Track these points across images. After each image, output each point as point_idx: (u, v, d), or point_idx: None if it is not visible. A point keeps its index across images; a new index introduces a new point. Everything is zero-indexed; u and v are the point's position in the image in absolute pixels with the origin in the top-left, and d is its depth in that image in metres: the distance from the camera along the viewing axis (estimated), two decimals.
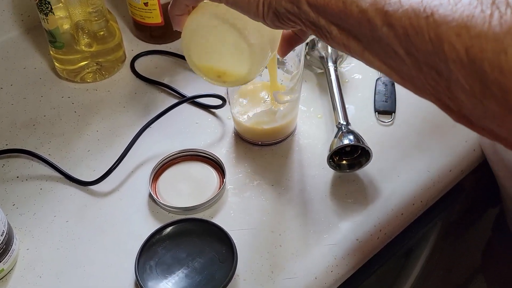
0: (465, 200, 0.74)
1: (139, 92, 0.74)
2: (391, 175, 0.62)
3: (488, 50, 0.29)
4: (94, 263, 0.56)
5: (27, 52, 0.82)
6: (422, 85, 0.35)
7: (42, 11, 0.69)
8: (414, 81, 0.35)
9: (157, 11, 0.77)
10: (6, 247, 0.53)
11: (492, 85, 0.30)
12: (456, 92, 0.32)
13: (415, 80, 0.35)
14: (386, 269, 0.63)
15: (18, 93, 0.75)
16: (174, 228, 0.56)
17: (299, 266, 0.54)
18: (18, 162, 0.66)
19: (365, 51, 0.37)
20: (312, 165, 0.63)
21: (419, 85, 0.35)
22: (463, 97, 0.32)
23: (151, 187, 0.61)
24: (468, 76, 0.31)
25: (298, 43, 0.52)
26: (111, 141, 0.68)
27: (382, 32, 0.34)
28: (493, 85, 0.30)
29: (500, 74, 0.29)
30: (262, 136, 0.66)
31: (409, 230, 0.61)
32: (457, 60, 0.31)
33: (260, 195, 0.61)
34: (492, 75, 0.29)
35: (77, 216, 0.60)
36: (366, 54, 0.37)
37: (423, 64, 0.33)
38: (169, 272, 0.52)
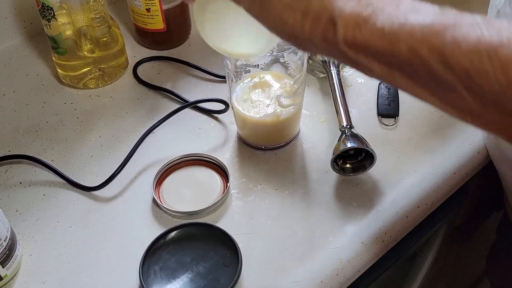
0: (470, 203, 0.74)
1: (141, 98, 0.74)
2: (395, 178, 0.62)
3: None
4: (98, 268, 0.55)
5: (29, 58, 0.82)
6: (484, 121, 0.35)
7: (45, 17, 0.69)
8: (474, 113, 0.35)
9: (159, 17, 0.77)
10: (9, 253, 0.53)
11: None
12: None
13: (475, 112, 0.35)
14: (391, 273, 0.63)
15: (21, 100, 0.75)
16: (178, 233, 0.56)
17: (304, 270, 0.54)
18: (21, 168, 0.66)
19: (415, 85, 0.37)
20: (316, 169, 0.63)
21: (482, 121, 0.35)
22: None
23: (154, 192, 0.60)
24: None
25: None
26: (114, 146, 0.68)
27: (438, 71, 0.34)
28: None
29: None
30: (265, 140, 0.66)
31: (414, 233, 0.61)
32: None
33: (264, 199, 0.60)
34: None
35: (80, 222, 0.60)
36: (415, 89, 0.37)
37: (487, 101, 0.33)
38: (174, 276, 0.52)
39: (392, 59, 0.36)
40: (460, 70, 0.33)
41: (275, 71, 0.64)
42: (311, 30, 0.39)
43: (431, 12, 0.35)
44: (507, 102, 0.32)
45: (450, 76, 0.33)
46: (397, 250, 0.60)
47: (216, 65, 0.77)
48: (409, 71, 0.36)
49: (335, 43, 0.38)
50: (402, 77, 0.37)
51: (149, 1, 0.75)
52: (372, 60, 0.37)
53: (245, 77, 0.64)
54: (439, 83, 0.34)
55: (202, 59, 0.79)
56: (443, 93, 0.35)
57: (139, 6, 0.76)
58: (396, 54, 0.35)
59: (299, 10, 0.39)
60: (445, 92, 0.35)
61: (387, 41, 0.36)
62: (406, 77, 0.37)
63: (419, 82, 0.36)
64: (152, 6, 0.76)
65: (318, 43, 0.39)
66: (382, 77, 0.38)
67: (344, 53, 0.38)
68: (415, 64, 0.35)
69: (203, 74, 0.77)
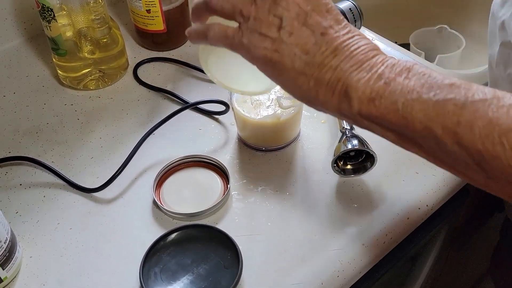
0: (471, 204, 0.74)
1: (142, 99, 0.74)
2: (396, 179, 0.62)
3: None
4: (98, 270, 0.55)
5: (29, 60, 0.82)
6: (499, 191, 0.37)
7: (45, 19, 0.69)
8: (488, 186, 0.37)
9: (159, 18, 0.77)
10: (9, 254, 0.53)
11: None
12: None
13: (490, 186, 0.37)
14: (392, 274, 0.63)
15: (21, 101, 0.75)
16: (178, 234, 0.56)
17: (305, 272, 0.54)
18: (21, 170, 0.66)
19: (430, 157, 0.38)
20: (317, 170, 0.63)
21: (496, 191, 0.37)
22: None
23: (155, 193, 0.60)
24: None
25: None
26: (114, 148, 0.68)
27: (453, 149, 0.36)
28: None
29: None
30: (266, 142, 0.65)
31: (416, 235, 0.61)
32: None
33: (265, 201, 0.60)
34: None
35: (80, 224, 0.59)
36: (432, 159, 0.39)
37: (500, 179, 0.35)
38: (174, 278, 0.52)
39: (407, 133, 0.38)
40: (474, 151, 0.35)
41: None
42: (325, 99, 0.41)
43: (441, 86, 0.37)
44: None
45: (465, 155, 0.35)
46: (398, 252, 0.60)
47: None
48: (423, 144, 0.38)
49: (350, 114, 0.40)
50: (416, 148, 0.39)
51: (149, 2, 0.75)
52: (387, 130, 0.39)
53: None
54: (454, 159, 0.36)
55: None
56: (458, 167, 0.37)
57: (139, 7, 0.76)
58: (410, 130, 0.37)
59: (313, 78, 0.41)
60: (460, 167, 0.37)
61: (401, 116, 0.37)
62: (421, 149, 0.38)
63: (434, 155, 0.38)
64: (153, 7, 0.76)
65: (333, 111, 0.41)
66: (396, 143, 0.40)
67: (359, 122, 0.40)
68: (429, 140, 0.37)
69: (203, 75, 0.77)
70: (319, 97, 0.41)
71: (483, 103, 0.35)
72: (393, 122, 0.38)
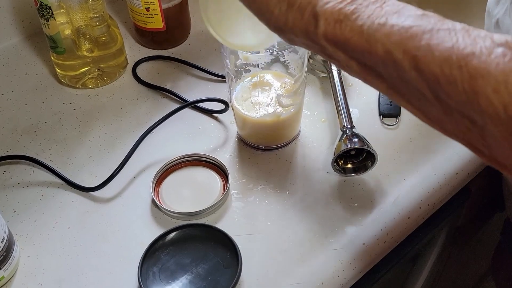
0: (472, 204, 0.74)
1: (141, 98, 0.74)
2: (397, 179, 0.61)
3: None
4: (96, 270, 0.55)
5: (28, 58, 0.81)
6: (452, 129, 0.34)
7: (43, 16, 0.68)
8: (443, 124, 0.35)
9: (158, 16, 0.77)
10: (6, 254, 0.53)
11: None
12: (490, 141, 0.32)
13: (445, 123, 0.34)
14: (393, 274, 0.62)
15: (19, 100, 0.75)
16: (177, 234, 0.55)
17: (305, 272, 0.53)
18: (19, 169, 0.65)
19: (389, 89, 0.37)
20: (317, 169, 0.63)
21: (449, 129, 0.35)
22: (497, 146, 0.32)
23: (153, 192, 0.60)
24: (505, 132, 0.30)
25: None
26: (113, 146, 0.67)
27: (410, 76, 0.34)
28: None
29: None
30: (265, 141, 0.65)
31: (416, 234, 0.60)
32: (494, 116, 0.30)
33: (264, 200, 0.60)
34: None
35: (78, 223, 0.59)
36: (391, 92, 0.37)
37: (454, 111, 0.33)
38: (173, 278, 0.51)
39: (369, 59, 0.36)
40: (430, 76, 0.33)
41: (276, 71, 0.64)
42: (294, 22, 0.39)
43: (412, 15, 0.35)
44: (471, 113, 0.32)
45: (421, 82, 0.33)
46: (399, 251, 0.59)
47: (216, 64, 0.77)
48: (384, 73, 0.36)
49: (316, 38, 0.38)
50: (377, 78, 0.37)
51: (148, 0, 0.74)
52: (350, 58, 0.37)
53: (245, 77, 0.64)
54: (411, 88, 0.34)
55: (202, 59, 0.79)
56: (414, 99, 0.35)
57: (138, 5, 0.76)
58: (372, 54, 0.35)
59: (285, 2, 0.39)
60: (416, 98, 0.35)
61: (364, 40, 0.35)
62: (381, 79, 0.36)
63: (393, 86, 0.36)
64: (152, 5, 0.75)
65: (300, 36, 0.39)
66: (359, 76, 0.38)
67: (324, 48, 0.38)
68: (389, 66, 0.35)
69: (203, 74, 0.77)
70: (288, 21, 0.39)
71: (450, 31, 0.33)
72: (356, 46, 0.36)
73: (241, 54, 0.58)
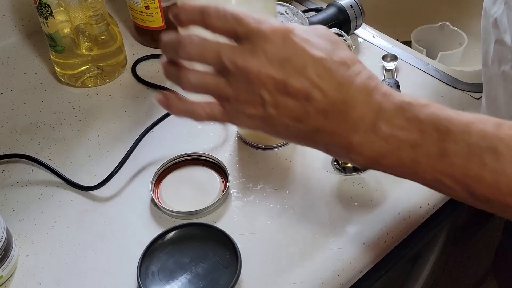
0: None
1: (140, 97, 0.74)
2: (397, 178, 0.60)
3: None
4: (95, 269, 0.54)
5: (27, 57, 0.81)
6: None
7: (42, 15, 0.68)
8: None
9: (158, 14, 0.76)
10: (5, 253, 0.52)
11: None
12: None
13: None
14: (393, 274, 0.62)
15: (19, 98, 0.74)
16: (176, 233, 0.55)
17: (305, 271, 0.53)
18: (18, 167, 0.65)
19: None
20: (317, 168, 0.62)
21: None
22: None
23: (153, 191, 0.60)
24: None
25: None
26: (112, 145, 0.67)
27: (463, 195, 0.39)
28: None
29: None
30: (265, 139, 0.65)
31: (417, 234, 0.60)
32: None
33: (264, 199, 0.60)
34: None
35: (77, 222, 0.59)
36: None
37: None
38: (172, 277, 0.51)
39: (419, 181, 0.41)
40: (483, 199, 0.38)
41: None
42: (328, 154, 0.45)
43: (440, 129, 0.38)
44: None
45: (473, 200, 0.38)
46: (399, 251, 0.59)
47: None
48: (437, 188, 0.40)
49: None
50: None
51: None
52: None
53: None
54: (462, 199, 0.39)
55: None
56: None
57: (138, 4, 0.75)
58: (421, 180, 0.40)
59: (310, 143, 0.43)
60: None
61: (410, 171, 0.40)
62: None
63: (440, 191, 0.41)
64: (151, 3, 0.75)
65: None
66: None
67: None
68: (442, 186, 0.39)
69: None
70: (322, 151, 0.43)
71: (483, 151, 0.36)
72: (404, 174, 0.41)
73: None
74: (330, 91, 0.39)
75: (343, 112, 0.39)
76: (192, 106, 0.43)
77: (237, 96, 0.40)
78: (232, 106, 0.41)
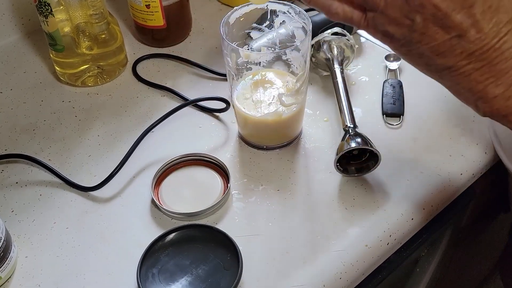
0: (476, 205, 0.73)
1: (141, 96, 0.73)
2: (400, 179, 0.60)
3: None
4: (95, 271, 0.54)
5: (27, 56, 0.80)
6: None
7: (42, 13, 0.68)
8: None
9: (159, 13, 0.76)
10: (4, 254, 0.52)
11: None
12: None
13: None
14: (396, 276, 0.62)
15: (18, 98, 0.74)
16: (177, 235, 0.54)
17: (307, 273, 0.52)
18: (17, 168, 0.64)
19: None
20: (319, 169, 0.62)
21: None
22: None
23: (153, 192, 0.59)
24: None
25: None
26: (113, 146, 0.66)
27: None
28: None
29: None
30: (267, 140, 0.64)
31: (419, 236, 0.60)
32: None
33: (266, 201, 0.59)
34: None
35: (77, 223, 0.58)
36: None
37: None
38: (172, 280, 0.51)
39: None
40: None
41: (278, 69, 0.63)
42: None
43: None
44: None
45: None
46: (402, 253, 0.59)
47: (217, 62, 0.76)
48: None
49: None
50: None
51: None
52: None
53: (246, 75, 0.63)
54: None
55: (203, 57, 0.78)
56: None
57: (138, 3, 0.75)
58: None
59: (441, 79, 0.41)
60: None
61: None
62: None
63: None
64: (152, 2, 0.74)
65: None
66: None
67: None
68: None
69: (203, 72, 0.76)
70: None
71: None
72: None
73: (242, 52, 0.57)
74: (487, 35, 0.37)
75: (491, 60, 0.37)
76: (330, 1, 0.40)
77: (387, 10, 0.38)
78: (376, 17, 0.39)
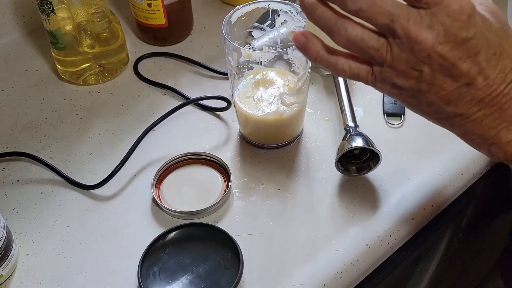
0: (477, 205, 0.73)
1: (142, 95, 0.73)
2: (401, 179, 0.60)
3: None
4: (96, 269, 0.54)
5: (29, 54, 0.80)
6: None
7: (44, 12, 0.68)
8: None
9: (160, 12, 0.76)
10: (5, 252, 0.52)
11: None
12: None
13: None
14: (396, 275, 0.62)
15: (20, 96, 0.74)
16: (178, 233, 0.55)
17: (307, 272, 0.52)
18: (18, 166, 0.64)
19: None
20: (320, 168, 0.62)
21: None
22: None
23: (154, 191, 0.59)
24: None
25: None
26: (114, 144, 0.66)
27: None
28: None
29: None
30: (268, 139, 0.64)
31: (420, 236, 0.59)
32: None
33: (266, 199, 0.59)
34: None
35: (78, 221, 0.58)
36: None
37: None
38: (173, 278, 0.51)
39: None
40: None
41: (279, 68, 0.63)
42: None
43: None
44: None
45: None
46: (402, 253, 0.59)
47: (218, 61, 0.76)
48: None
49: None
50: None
51: None
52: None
53: (247, 74, 0.63)
54: None
55: (204, 56, 0.78)
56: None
57: (140, 1, 0.75)
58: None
59: (452, 127, 0.41)
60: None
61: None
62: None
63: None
64: (154, 1, 0.74)
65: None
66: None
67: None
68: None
69: (205, 71, 0.76)
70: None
71: None
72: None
73: (244, 51, 0.57)
74: (494, 81, 0.36)
75: (501, 106, 0.37)
76: (336, 58, 0.39)
77: (394, 64, 0.37)
78: (383, 71, 0.38)
